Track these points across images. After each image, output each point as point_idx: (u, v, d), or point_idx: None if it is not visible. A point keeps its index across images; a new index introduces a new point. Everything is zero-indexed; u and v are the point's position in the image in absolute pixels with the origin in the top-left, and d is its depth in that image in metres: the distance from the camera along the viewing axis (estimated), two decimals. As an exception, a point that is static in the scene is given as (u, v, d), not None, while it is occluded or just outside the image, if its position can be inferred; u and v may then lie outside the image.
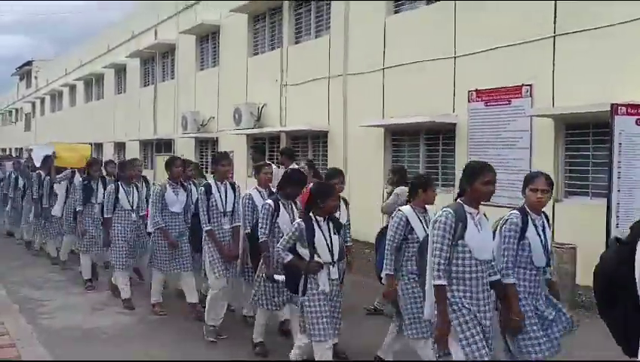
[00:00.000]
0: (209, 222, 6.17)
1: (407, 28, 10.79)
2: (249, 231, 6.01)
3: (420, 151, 10.80)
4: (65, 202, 9.59)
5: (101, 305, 7.64)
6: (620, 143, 6.74)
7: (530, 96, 8.62)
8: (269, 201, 5.57)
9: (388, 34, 11.19)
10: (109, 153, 25.20)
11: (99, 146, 27.46)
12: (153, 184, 9.64)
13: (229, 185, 6.36)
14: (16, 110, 48.13)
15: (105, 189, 8.11)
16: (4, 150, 45.56)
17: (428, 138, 10.68)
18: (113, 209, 7.55)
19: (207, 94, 17.48)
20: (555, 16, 8.30)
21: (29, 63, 43.71)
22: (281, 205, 5.58)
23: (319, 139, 13.22)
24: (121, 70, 25.46)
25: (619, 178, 6.71)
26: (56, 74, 34.90)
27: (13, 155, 30.39)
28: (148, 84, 22.60)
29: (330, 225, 4.80)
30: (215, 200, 6.21)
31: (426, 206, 5.06)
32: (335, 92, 12.41)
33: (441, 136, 10.36)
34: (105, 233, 7.78)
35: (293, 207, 5.67)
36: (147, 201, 7.97)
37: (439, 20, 10.07)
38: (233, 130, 15.35)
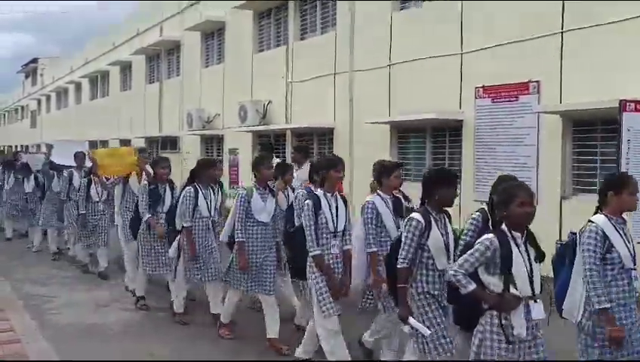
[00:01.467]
0: (317, 245, 5.03)
1: (414, 24, 10.73)
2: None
3: (426, 148, 10.74)
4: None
5: (106, 302, 7.63)
6: (629, 140, 6.67)
7: (538, 92, 8.56)
8: (417, 216, 4.15)
9: (394, 30, 11.13)
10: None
11: (104, 144, 27.51)
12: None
13: (339, 198, 5.22)
14: (22, 107, 48.27)
15: (173, 193, 7.21)
16: (9, 147, 45.72)
17: (434, 135, 10.63)
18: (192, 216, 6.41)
19: (212, 91, 17.45)
20: (562, 13, 8.24)
21: (34, 61, 43.84)
22: (432, 220, 4.22)
23: (325, 136, 13.18)
24: (126, 67, 25.47)
25: (627, 175, 6.65)
26: (62, 71, 34.97)
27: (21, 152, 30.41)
28: (153, 81, 22.60)
29: (529, 248, 3.56)
30: (325, 217, 5.05)
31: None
32: (341, 89, 12.36)
33: (447, 133, 10.31)
34: (189, 246, 6.37)
35: (446, 221, 4.34)
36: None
37: (446, 16, 10.01)
38: (238, 128, 15.32)
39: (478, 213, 4.56)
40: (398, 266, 4.12)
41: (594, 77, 7.76)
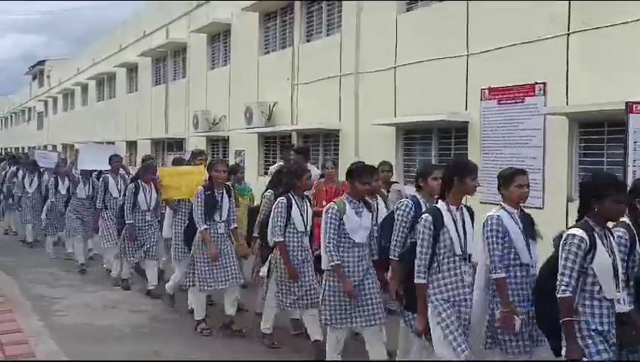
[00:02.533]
0: (423, 273, 4.18)
1: (420, 26, 10.74)
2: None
3: (432, 150, 10.74)
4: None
5: (114, 304, 7.66)
6: (635, 142, 6.66)
7: (544, 94, 8.54)
8: (579, 233, 3.56)
9: (400, 32, 11.14)
10: (120, 153, 25.23)
11: (110, 145, 27.59)
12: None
13: (465, 212, 4.33)
14: (29, 109, 48.47)
15: (230, 199, 6.44)
16: (16, 149, 45.91)
17: (440, 136, 10.62)
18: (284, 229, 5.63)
19: (218, 93, 17.50)
20: (569, 14, 8.22)
21: (41, 63, 44.04)
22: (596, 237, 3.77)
23: (331, 137, 13.19)
24: (132, 69, 25.56)
25: (634, 177, 6.62)
26: (69, 73, 35.11)
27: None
28: (159, 83, 22.68)
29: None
30: (450, 237, 4.16)
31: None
32: (346, 90, 12.38)
33: (453, 134, 10.30)
34: (285, 265, 5.56)
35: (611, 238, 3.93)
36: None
37: (452, 18, 10.01)
38: (244, 129, 15.36)
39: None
40: (560, 295, 3.46)
41: (600, 78, 7.74)
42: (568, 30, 8.22)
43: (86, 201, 9.81)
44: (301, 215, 5.59)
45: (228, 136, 17.13)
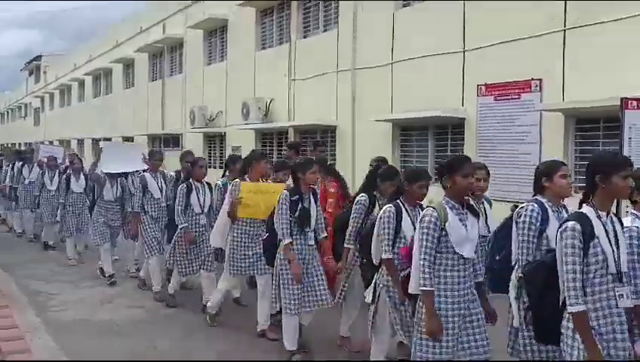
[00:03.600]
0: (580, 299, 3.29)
1: (416, 22, 10.74)
2: None
3: (428, 146, 10.76)
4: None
5: (111, 299, 7.66)
6: (630, 138, 6.68)
7: (540, 90, 8.56)
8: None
9: (397, 28, 11.14)
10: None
11: (107, 141, 27.56)
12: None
13: (615, 220, 3.37)
14: (25, 105, 48.34)
15: (318, 206, 5.56)
16: (13, 145, 45.80)
17: (437, 133, 10.64)
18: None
19: (215, 89, 17.48)
20: (565, 10, 8.24)
21: (37, 58, 43.87)
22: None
23: (327, 133, 13.19)
24: (129, 65, 25.51)
25: (629, 172, 6.66)
26: (65, 69, 35.02)
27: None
28: (156, 79, 22.63)
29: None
30: (603, 251, 3.22)
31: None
32: (343, 86, 12.38)
33: (450, 130, 10.32)
34: (399, 288, 4.53)
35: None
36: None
37: (448, 14, 10.01)
38: (241, 125, 15.35)
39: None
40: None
41: (596, 75, 7.76)
42: (564, 27, 8.24)
43: (114, 204, 8.70)
44: (413, 225, 4.44)
45: (225, 132, 17.12)
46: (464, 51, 9.73)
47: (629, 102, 6.70)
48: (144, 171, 8.08)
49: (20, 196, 12.28)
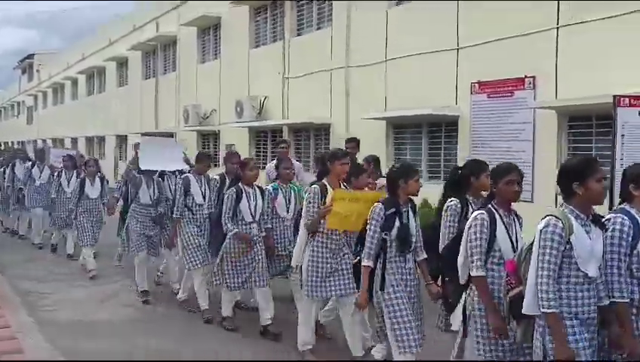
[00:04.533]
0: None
1: (410, 19, 10.74)
2: None
3: (422, 144, 10.76)
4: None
5: (103, 298, 7.63)
6: (623, 135, 6.67)
7: (533, 88, 8.58)
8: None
9: (390, 25, 11.13)
10: (110, 146, 25.20)
11: (101, 140, 27.48)
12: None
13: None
14: (18, 103, 48.16)
15: (417, 221, 4.68)
16: (6, 143, 45.61)
17: (430, 130, 10.65)
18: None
19: (208, 87, 17.44)
20: (558, 8, 8.25)
21: (30, 57, 43.70)
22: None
23: (321, 131, 13.18)
24: (122, 63, 25.43)
25: (622, 169, 6.67)
26: (58, 67, 34.88)
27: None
28: (149, 77, 22.57)
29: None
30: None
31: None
32: (337, 84, 12.37)
33: (443, 128, 10.33)
34: (494, 317, 3.80)
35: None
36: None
37: (442, 12, 10.01)
38: (235, 123, 15.32)
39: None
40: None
41: (589, 72, 7.77)
42: (557, 24, 8.25)
43: (151, 209, 7.56)
44: (509, 236, 3.86)
45: (219, 131, 17.08)
46: (457, 49, 9.73)
47: (622, 99, 6.70)
48: (188, 172, 7.32)
49: (28, 197, 11.56)
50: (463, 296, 3.95)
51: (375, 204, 4.49)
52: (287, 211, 6.27)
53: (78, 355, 5.46)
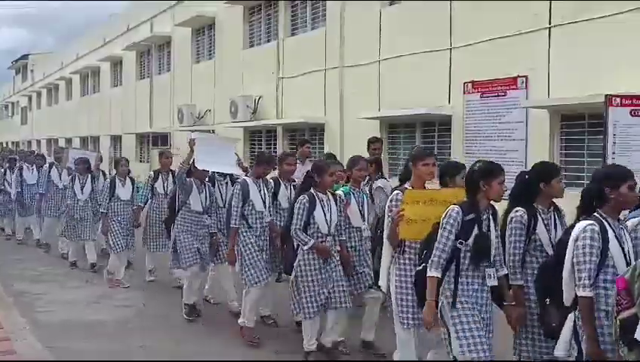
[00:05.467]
0: None
1: (403, 19, 10.75)
2: None
3: (416, 143, 10.77)
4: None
5: (97, 299, 7.63)
6: (615, 134, 6.72)
7: (526, 87, 8.60)
8: None
9: (384, 26, 11.14)
10: (105, 147, 25.16)
11: (95, 140, 27.42)
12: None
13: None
14: (12, 104, 48.00)
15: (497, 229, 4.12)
16: (0, 143, 45.47)
17: (424, 130, 10.67)
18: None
19: (203, 87, 17.43)
20: (550, 8, 8.28)
21: (25, 57, 43.56)
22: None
23: (316, 131, 13.19)
24: (117, 63, 25.37)
25: (613, 169, 6.70)
26: (53, 67, 34.77)
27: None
28: (144, 77, 22.53)
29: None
30: None
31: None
32: (331, 84, 12.38)
33: (436, 127, 10.35)
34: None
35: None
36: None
37: (435, 12, 10.02)
38: (230, 123, 15.31)
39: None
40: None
41: (581, 72, 7.80)
42: (550, 24, 8.28)
43: (202, 217, 6.80)
44: (622, 248, 3.54)
45: (213, 130, 17.05)
46: (450, 49, 9.75)
47: (613, 98, 6.74)
48: (246, 175, 6.50)
49: (45, 204, 10.80)
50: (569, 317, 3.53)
51: (451, 206, 3.88)
52: (363, 219, 5.47)
53: (72, 356, 5.45)
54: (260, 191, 6.07)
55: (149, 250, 8.49)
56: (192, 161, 6.54)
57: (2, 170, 12.64)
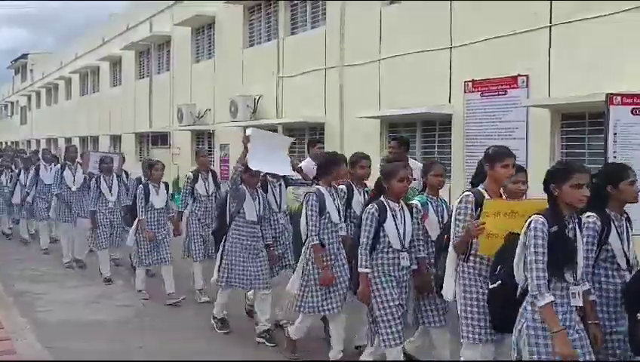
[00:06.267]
0: None
1: (404, 18, 10.74)
2: None
3: (416, 142, 10.77)
4: None
5: (96, 299, 7.62)
6: (615, 133, 6.70)
7: (527, 86, 8.59)
8: None
9: (384, 25, 11.13)
10: (104, 147, 25.15)
11: (95, 139, 27.41)
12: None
13: None
14: (12, 103, 47.99)
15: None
16: (0, 143, 45.45)
17: (424, 129, 10.67)
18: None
19: (202, 86, 17.41)
20: (551, 7, 8.27)
21: (24, 56, 43.55)
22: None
23: (316, 130, 13.18)
24: (116, 63, 25.36)
25: (614, 168, 6.69)
26: (52, 67, 34.76)
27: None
28: (143, 77, 22.52)
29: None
30: None
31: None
32: (331, 83, 12.37)
33: (437, 126, 10.35)
34: None
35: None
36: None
37: (435, 11, 10.01)
38: (229, 123, 15.30)
39: None
40: None
41: (582, 71, 7.79)
42: (550, 23, 8.27)
43: (257, 227, 6.03)
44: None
45: (213, 130, 17.05)
46: (451, 48, 9.74)
47: (614, 97, 6.73)
48: (317, 183, 5.52)
49: (57, 207, 10.02)
50: None
51: (533, 217, 3.37)
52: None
53: (72, 356, 5.44)
54: (334, 200, 5.30)
55: (197, 260, 7.47)
56: (245, 160, 5.72)
57: (17, 170, 12.17)
